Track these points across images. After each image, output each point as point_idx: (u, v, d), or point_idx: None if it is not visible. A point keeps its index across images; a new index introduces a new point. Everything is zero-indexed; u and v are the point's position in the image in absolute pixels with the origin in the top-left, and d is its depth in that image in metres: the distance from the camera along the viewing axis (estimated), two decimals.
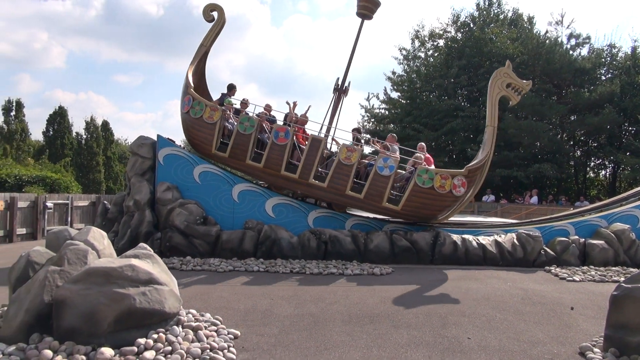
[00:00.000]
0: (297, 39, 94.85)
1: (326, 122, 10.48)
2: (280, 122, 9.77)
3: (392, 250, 8.89)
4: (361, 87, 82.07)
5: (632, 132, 25.20)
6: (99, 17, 77.96)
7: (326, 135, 9.97)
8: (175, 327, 4.25)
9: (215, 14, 9.97)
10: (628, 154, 23.22)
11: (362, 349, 4.30)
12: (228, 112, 9.48)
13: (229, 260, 8.32)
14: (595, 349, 4.29)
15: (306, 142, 9.18)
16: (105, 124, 31.64)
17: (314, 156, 8.96)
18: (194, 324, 4.42)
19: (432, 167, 9.40)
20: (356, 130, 10.34)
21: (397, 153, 9.44)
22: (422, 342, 4.53)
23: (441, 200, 8.92)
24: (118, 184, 30.39)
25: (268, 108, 10.04)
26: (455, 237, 9.08)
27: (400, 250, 8.89)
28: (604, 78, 26.43)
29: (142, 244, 4.79)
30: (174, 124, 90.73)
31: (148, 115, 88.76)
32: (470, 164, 9.32)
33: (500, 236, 9.39)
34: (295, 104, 9.98)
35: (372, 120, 31.35)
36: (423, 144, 10.53)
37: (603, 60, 26.58)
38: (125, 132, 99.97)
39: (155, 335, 4.03)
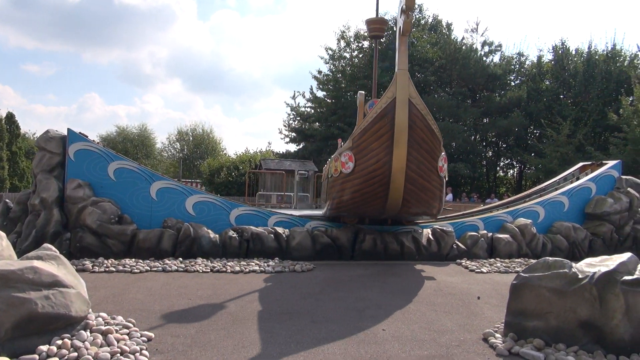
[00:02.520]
0: (225, 35, 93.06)
1: None
2: None
3: (313, 247, 9.00)
4: (288, 85, 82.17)
5: (537, 134, 27.32)
6: (6, 1, 71.92)
7: None
8: (82, 331, 4.03)
9: None
10: (532, 154, 25.17)
11: (280, 344, 4.32)
12: None
13: (146, 261, 8.01)
14: (497, 335, 4.61)
15: None
16: (11, 117, 29.31)
17: None
18: (103, 328, 4.21)
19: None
20: None
21: None
22: (340, 335, 4.63)
23: (335, 185, 8.12)
24: (25, 181, 28.24)
25: None
26: (375, 233, 9.36)
27: (321, 247, 9.03)
28: (513, 84, 28.45)
29: (46, 245, 4.48)
30: (90, 118, 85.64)
31: (61, 109, 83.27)
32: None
33: (417, 232, 9.81)
34: None
35: (298, 118, 31.51)
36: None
37: (512, 67, 28.62)
38: (35, 126, 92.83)
39: (59, 341, 3.79)
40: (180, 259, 8.19)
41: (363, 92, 11.77)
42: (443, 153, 7.78)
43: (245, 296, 6.04)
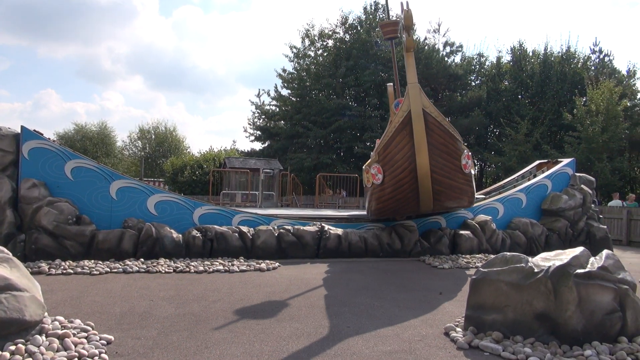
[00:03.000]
0: (188, 31, 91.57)
1: None
2: None
3: (279, 246, 8.98)
4: (252, 83, 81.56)
5: (496, 133, 28.11)
6: None
7: None
8: (37, 336, 3.89)
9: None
10: (492, 153, 25.86)
11: (244, 344, 4.29)
12: None
13: (106, 262, 7.80)
14: (458, 329, 4.73)
15: None
16: None
17: None
18: (60, 332, 4.07)
19: None
20: None
21: None
22: (304, 333, 4.64)
23: (372, 194, 8.86)
24: None
25: None
26: (340, 231, 9.42)
27: (287, 245, 9.01)
28: (473, 84, 29.16)
29: None
30: (46, 116, 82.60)
31: (15, 105, 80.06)
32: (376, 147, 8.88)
33: (380, 229, 9.92)
34: None
35: (263, 117, 31.33)
36: None
37: (473, 67, 29.30)
38: None
39: (12, 347, 3.65)
40: (142, 259, 8.01)
41: (391, 84, 12.25)
42: (466, 151, 8.25)
43: (209, 296, 5.97)
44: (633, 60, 56.07)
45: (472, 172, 8.66)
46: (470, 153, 8.55)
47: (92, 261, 7.76)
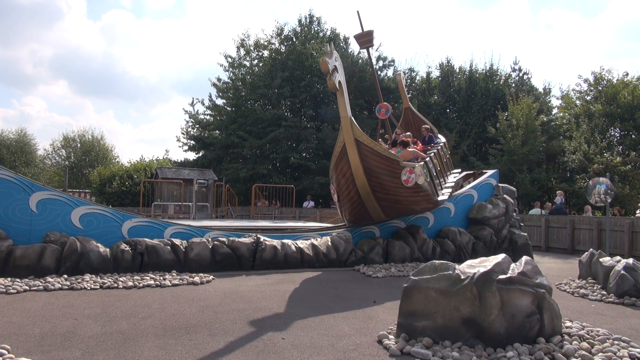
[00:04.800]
0: (118, 36, 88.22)
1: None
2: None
3: (213, 258, 8.80)
4: (186, 91, 79.80)
5: None
6: None
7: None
8: None
9: None
10: None
11: None
12: None
13: (24, 279, 7.27)
14: (390, 336, 4.85)
15: None
16: None
17: None
18: None
19: None
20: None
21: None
22: (238, 347, 4.57)
23: (340, 206, 9.93)
24: None
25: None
26: (276, 242, 9.38)
27: (221, 258, 8.85)
28: None
29: None
30: None
31: None
32: None
33: (316, 239, 10.00)
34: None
35: (197, 126, 30.69)
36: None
37: (404, 82, 30.34)
38: None
39: None
40: (65, 276, 7.55)
41: (401, 72, 13.77)
42: (406, 169, 8.98)
43: (139, 312, 5.73)
44: (548, 78, 60.62)
45: (422, 181, 9.39)
46: (417, 166, 9.35)
47: (9, 279, 7.22)
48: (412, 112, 14.86)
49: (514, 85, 27.71)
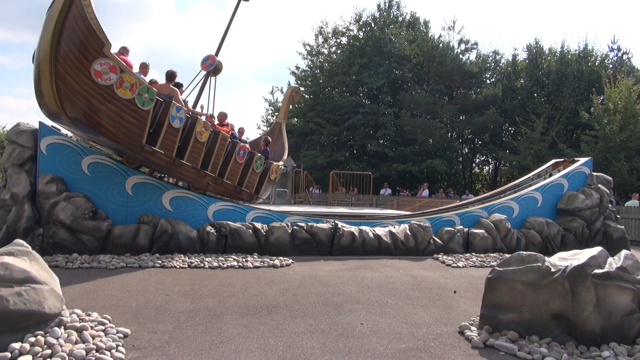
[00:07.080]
0: (203, 27, 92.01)
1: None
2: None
3: (292, 242, 9.00)
4: (266, 80, 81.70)
5: (511, 132, 27.81)
6: None
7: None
8: (56, 328, 3.95)
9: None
10: (507, 151, 25.59)
11: (258, 339, 4.31)
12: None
13: (121, 257, 7.89)
14: (473, 328, 4.70)
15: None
16: None
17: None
18: (78, 325, 4.14)
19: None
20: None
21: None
22: (318, 329, 4.65)
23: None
24: None
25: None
26: (353, 229, 9.40)
27: (300, 242, 9.03)
28: (488, 82, 28.85)
29: (17, 240, 4.38)
30: None
31: (33, 101, 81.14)
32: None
33: (394, 227, 9.89)
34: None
35: (276, 114, 31.35)
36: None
37: (488, 65, 29.00)
38: (4, 119, 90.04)
39: (32, 339, 3.71)
40: (157, 254, 8.09)
41: (293, 85, 13.31)
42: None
43: (224, 291, 6.01)
44: None
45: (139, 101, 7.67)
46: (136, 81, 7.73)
47: (108, 256, 7.86)
48: (280, 130, 13.51)
49: (611, 66, 25.46)
